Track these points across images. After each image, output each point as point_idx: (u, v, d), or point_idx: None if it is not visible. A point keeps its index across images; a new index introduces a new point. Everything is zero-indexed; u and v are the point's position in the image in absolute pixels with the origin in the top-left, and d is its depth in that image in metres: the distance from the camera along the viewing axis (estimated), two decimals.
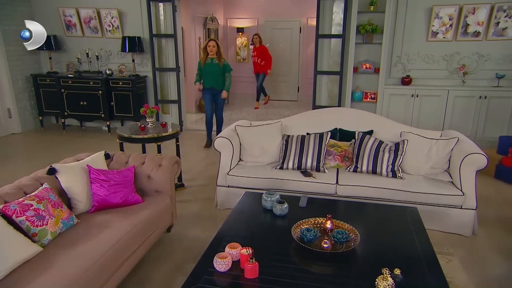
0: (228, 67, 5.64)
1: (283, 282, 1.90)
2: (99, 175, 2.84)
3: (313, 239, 2.20)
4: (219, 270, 1.96)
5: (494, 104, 5.55)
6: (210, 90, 5.72)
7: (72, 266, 2.07)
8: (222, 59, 5.56)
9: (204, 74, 5.65)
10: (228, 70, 5.62)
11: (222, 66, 5.56)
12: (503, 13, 5.38)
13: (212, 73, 5.60)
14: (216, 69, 5.59)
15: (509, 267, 2.88)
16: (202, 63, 5.61)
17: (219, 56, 5.54)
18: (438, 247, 3.12)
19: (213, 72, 5.60)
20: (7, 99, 6.76)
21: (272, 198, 2.68)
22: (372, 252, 2.19)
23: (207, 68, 5.59)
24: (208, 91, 5.74)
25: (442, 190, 3.33)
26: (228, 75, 5.63)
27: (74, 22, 6.94)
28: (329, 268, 2.05)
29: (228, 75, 5.63)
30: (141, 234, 2.66)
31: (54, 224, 2.36)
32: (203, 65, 5.59)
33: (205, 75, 5.64)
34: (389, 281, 1.77)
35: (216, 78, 5.62)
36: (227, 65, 5.63)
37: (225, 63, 5.60)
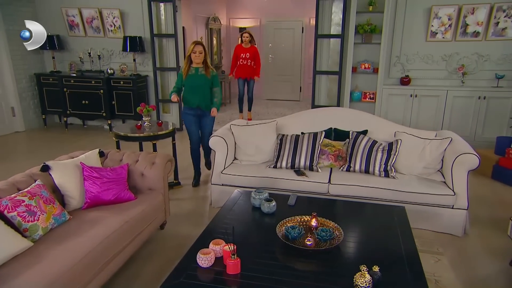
0: (217, 80, 4.35)
1: (264, 278, 1.93)
2: (92, 173, 2.89)
3: (297, 237, 2.23)
4: (202, 266, 2.00)
5: (494, 104, 5.53)
6: (194, 110, 4.31)
7: (60, 261, 2.12)
8: (209, 69, 4.23)
9: (187, 90, 4.27)
10: (217, 84, 4.33)
11: (210, 78, 4.24)
12: (502, 13, 5.36)
13: (197, 87, 4.22)
14: (203, 83, 4.22)
15: (497, 267, 2.88)
16: (184, 75, 4.22)
17: (206, 65, 4.21)
18: (428, 247, 3.16)
19: (199, 87, 4.22)
20: (11, 98, 6.87)
21: (261, 196, 2.72)
22: (355, 249, 2.22)
23: (190, 81, 4.21)
24: (191, 111, 4.32)
25: (433, 190, 3.34)
26: (217, 90, 4.32)
27: (77, 22, 7.03)
28: (310, 265, 2.07)
29: (217, 90, 4.32)
30: (132, 230, 2.71)
31: (45, 220, 2.41)
32: (185, 77, 4.22)
33: (188, 91, 4.26)
34: (366, 278, 1.79)
35: (203, 94, 4.25)
36: (215, 76, 4.31)
37: (213, 73, 4.28)
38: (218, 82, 4.39)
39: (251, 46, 7.31)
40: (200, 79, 4.23)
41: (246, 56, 7.30)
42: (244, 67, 7.37)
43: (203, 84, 4.25)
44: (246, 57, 7.29)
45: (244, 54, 7.30)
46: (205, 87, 4.27)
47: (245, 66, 7.35)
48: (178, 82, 4.36)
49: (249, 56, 7.28)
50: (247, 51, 7.30)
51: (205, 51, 4.21)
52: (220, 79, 9.77)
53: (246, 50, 7.31)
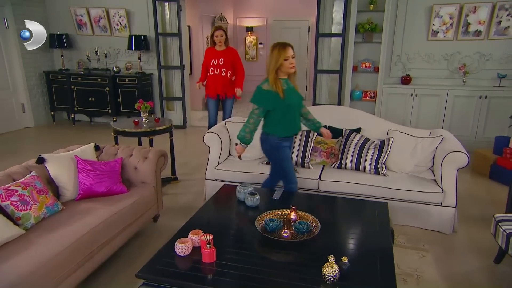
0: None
1: (238, 266, 2.01)
2: (86, 165, 3.01)
3: (275, 229, 2.29)
4: (179, 254, 2.08)
5: (495, 104, 5.49)
6: (291, 140, 3.25)
7: (48, 247, 2.23)
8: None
9: (283, 112, 2.94)
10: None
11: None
12: (505, 11, 5.31)
13: (296, 107, 3.08)
14: (299, 100, 3.11)
15: (482, 264, 2.90)
16: (281, 92, 2.85)
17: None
18: (415, 243, 3.19)
19: (298, 106, 3.11)
20: (21, 95, 7.09)
21: (245, 190, 2.79)
22: (330, 242, 2.27)
23: (289, 98, 2.92)
24: (288, 142, 3.14)
25: (422, 187, 3.36)
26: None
27: (85, 21, 7.21)
28: (284, 256, 2.14)
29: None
30: (121, 221, 2.81)
31: (38, 209, 2.53)
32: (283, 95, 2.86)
33: (287, 113, 2.96)
34: (334, 268, 1.85)
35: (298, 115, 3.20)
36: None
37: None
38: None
39: (228, 48, 5.06)
40: (297, 95, 3.01)
41: (219, 63, 4.97)
42: (217, 79, 5.03)
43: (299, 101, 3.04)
44: (220, 64, 4.97)
45: (216, 60, 4.98)
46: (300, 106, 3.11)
47: (217, 77, 5.02)
48: (268, 104, 2.89)
49: (223, 63, 4.97)
50: (220, 55, 4.99)
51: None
52: None
53: (220, 54, 5.00)
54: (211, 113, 5.31)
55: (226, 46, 5.04)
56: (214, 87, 5.11)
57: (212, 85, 5.13)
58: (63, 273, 2.25)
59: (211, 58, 5.04)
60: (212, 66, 5.03)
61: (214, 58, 5.02)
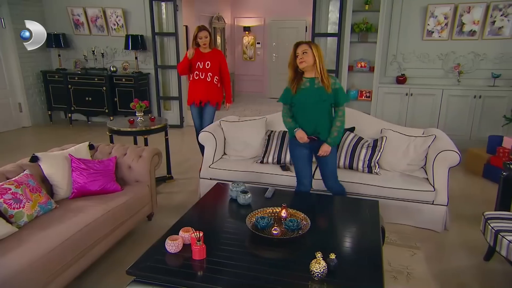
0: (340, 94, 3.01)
1: (227, 263, 2.03)
2: (80, 164, 3.03)
3: (265, 226, 2.32)
4: (169, 251, 2.10)
5: (489, 103, 5.52)
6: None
7: (40, 245, 2.25)
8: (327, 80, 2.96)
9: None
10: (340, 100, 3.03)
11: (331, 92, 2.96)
12: (499, 12, 5.34)
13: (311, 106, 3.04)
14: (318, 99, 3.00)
15: (472, 262, 2.93)
16: (293, 90, 3.05)
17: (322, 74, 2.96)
18: (407, 241, 3.22)
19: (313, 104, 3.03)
20: (18, 94, 7.11)
21: (237, 188, 2.81)
22: (319, 239, 2.29)
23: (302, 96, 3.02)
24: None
25: (414, 186, 3.39)
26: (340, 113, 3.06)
27: (82, 21, 7.23)
28: (274, 253, 2.16)
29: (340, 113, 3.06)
30: (114, 219, 2.83)
31: (31, 207, 2.55)
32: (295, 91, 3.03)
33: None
34: (321, 264, 1.87)
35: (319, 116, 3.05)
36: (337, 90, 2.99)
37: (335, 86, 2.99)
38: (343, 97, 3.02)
39: (214, 51, 4.49)
40: (315, 96, 2.96)
41: (205, 66, 4.38)
42: (201, 84, 4.42)
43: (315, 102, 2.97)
44: (206, 67, 4.38)
45: (202, 63, 4.38)
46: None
47: (202, 82, 4.41)
48: (282, 99, 3.18)
49: (210, 67, 4.39)
50: (207, 58, 4.39)
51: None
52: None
53: (206, 57, 4.39)
54: (195, 120, 4.64)
55: (211, 48, 4.45)
56: (198, 93, 4.45)
57: (195, 91, 4.46)
58: (56, 269, 2.28)
59: (196, 60, 4.37)
60: (197, 69, 4.39)
61: (199, 60, 4.37)
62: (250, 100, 10.25)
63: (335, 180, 3.20)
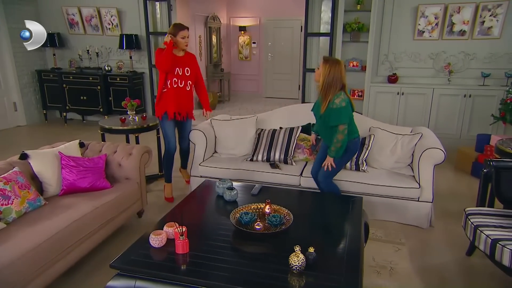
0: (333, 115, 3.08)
1: (210, 257, 2.08)
2: (69, 161, 3.07)
3: (249, 222, 2.36)
4: (153, 246, 2.15)
5: (479, 103, 5.57)
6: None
7: (27, 240, 2.30)
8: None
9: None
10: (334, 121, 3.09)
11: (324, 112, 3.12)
12: (487, 12, 5.40)
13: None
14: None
15: (454, 257, 2.98)
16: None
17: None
18: (392, 237, 3.27)
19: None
20: (13, 93, 7.15)
21: (224, 185, 2.86)
22: (301, 234, 2.34)
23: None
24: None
25: (400, 183, 3.44)
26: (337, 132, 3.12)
27: (77, 21, 7.27)
28: (256, 247, 2.21)
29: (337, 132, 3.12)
30: (103, 215, 2.88)
31: (19, 204, 2.59)
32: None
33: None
34: (299, 257, 1.92)
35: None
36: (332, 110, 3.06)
37: (332, 106, 3.04)
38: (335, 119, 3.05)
39: (188, 54, 3.83)
40: (318, 110, 3.18)
41: (185, 73, 3.73)
42: (180, 94, 3.75)
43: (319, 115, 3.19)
44: (186, 74, 3.74)
45: (181, 69, 3.70)
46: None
47: (181, 92, 3.75)
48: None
49: (189, 74, 3.76)
50: (186, 63, 3.75)
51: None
52: (219, 77, 10.01)
53: (185, 62, 3.75)
54: (171, 136, 3.90)
55: (185, 52, 3.79)
56: (178, 105, 3.76)
57: (174, 101, 3.72)
58: (43, 264, 2.32)
59: (174, 66, 3.65)
60: (176, 76, 3.68)
61: (178, 66, 3.66)
62: (246, 100, 10.30)
63: (323, 178, 3.29)
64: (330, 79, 2.99)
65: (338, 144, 3.07)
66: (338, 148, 3.09)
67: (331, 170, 3.20)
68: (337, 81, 3.00)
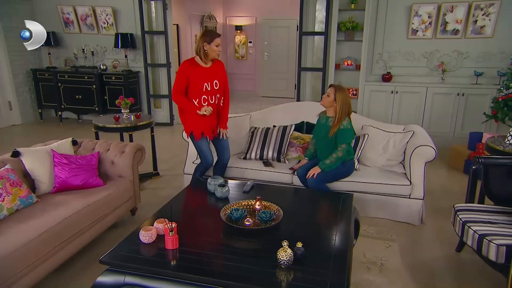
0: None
1: (199, 253, 2.10)
2: (62, 159, 3.08)
3: (239, 218, 2.38)
4: (143, 241, 2.17)
5: (472, 101, 5.61)
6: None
7: (17, 237, 2.31)
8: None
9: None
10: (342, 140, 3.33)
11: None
12: (480, 11, 5.43)
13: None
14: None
15: (444, 253, 3.01)
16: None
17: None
18: (384, 234, 3.30)
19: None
20: (8, 92, 7.14)
21: (215, 182, 2.88)
22: (290, 229, 2.36)
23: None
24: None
25: (391, 180, 3.47)
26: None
27: (72, 20, 7.27)
28: (246, 243, 2.23)
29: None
30: (95, 213, 2.89)
31: (11, 201, 2.61)
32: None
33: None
34: (287, 252, 1.94)
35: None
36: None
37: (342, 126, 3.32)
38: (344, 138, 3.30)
39: (217, 63, 3.40)
40: (322, 131, 3.46)
41: (214, 87, 3.32)
42: (212, 111, 3.35)
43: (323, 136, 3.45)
44: (215, 88, 3.33)
45: (209, 83, 3.28)
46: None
47: (213, 108, 3.35)
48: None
49: (218, 87, 3.36)
50: (214, 75, 3.33)
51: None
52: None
53: (213, 74, 3.32)
54: (207, 152, 3.55)
55: (214, 61, 3.37)
56: (211, 123, 3.43)
57: (206, 120, 3.35)
58: (34, 261, 2.33)
59: (201, 80, 3.23)
60: (206, 93, 3.26)
61: (206, 80, 3.24)
62: (242, 99, 10.31)
63: (314, 184, 3.33)
64: (344, 106, 3.31)
65: (334, 160, 3.31)
66: (332, 163, 3.31)
67: (315, 178, 3.30)
68: (348, 106, 3.34)
